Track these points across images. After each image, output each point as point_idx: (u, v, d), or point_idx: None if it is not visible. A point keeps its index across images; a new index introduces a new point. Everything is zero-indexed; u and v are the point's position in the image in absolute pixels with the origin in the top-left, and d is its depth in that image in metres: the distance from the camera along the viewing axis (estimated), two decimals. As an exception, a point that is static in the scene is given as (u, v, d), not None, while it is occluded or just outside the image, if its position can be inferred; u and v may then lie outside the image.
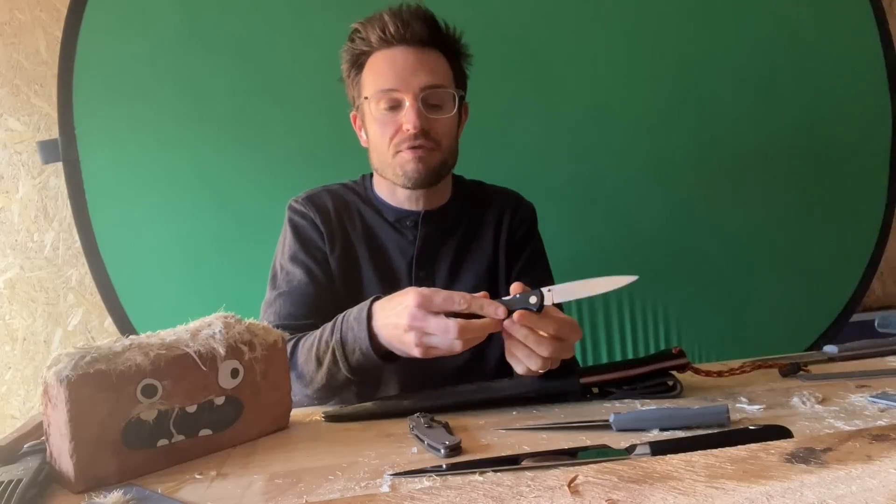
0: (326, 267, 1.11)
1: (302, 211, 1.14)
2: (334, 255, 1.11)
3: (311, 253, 1.11)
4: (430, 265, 1.13)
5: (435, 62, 1.06)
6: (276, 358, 0.77)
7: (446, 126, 1.08)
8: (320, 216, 1.13)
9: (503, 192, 1.24)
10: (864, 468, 0.51)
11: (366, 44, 1.07)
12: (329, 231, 1.12)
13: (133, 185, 1.56)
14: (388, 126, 1.06)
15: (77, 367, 0.61)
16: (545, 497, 0.49)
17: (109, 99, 1.54)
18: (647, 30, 1.71)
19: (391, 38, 1.05)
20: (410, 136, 1.04)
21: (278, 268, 1.13)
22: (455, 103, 1.07)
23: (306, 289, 1.08)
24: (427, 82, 1.04)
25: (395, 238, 1.13)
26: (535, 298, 0.80)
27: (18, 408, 1.71)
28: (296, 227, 1.13)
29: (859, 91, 1.81)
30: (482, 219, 1.19)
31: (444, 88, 1.06)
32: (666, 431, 0.68)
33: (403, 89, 1.04)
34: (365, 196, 1.17)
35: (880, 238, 1.83)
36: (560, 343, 0.81)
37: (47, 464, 0.65)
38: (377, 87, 1.05)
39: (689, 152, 1.74)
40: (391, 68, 1.05)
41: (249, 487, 0.60)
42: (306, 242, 1.12)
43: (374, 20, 1.06)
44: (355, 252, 1.12)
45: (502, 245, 1.18)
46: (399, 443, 0.70)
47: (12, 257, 1.69)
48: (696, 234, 1.74)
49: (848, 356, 0.99)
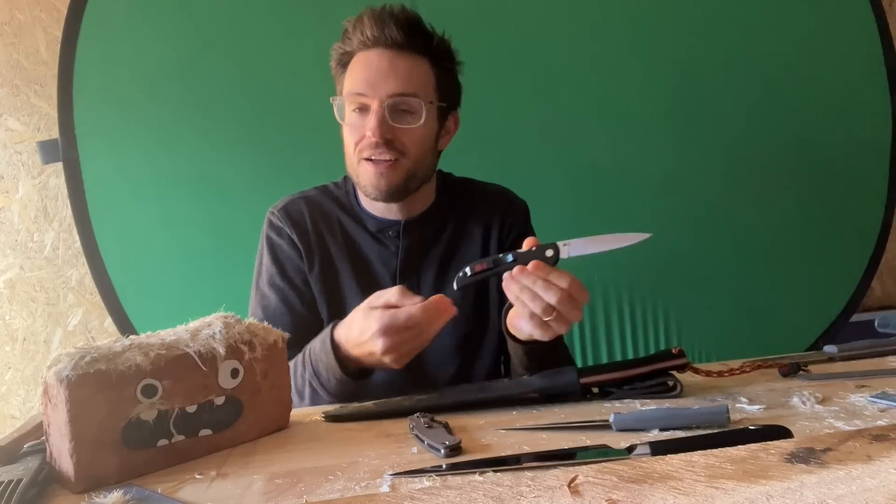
0: (305, 290, 1.09)
1: (278, 226, 1.11)
2: (314, 273, 1.09)
3: (288, 277, 1.09)
4: (415, 276, 1.11)
5: (411, 67, 1.02)
6: (276, 358, 0.77)
7: (414, 136, 1.03)
8: (297, 231, 1.10)
9: (492, 191, 1.20)
10: (864, 468, 0.51)
11: (349, 44, 1.04)
12: (307, 247, 1.09)
13: (133, 185, 1.56)
14: (355, 131, 1.03)
15: (77, 367, 0.61)
16: (545, 497, 0.49)
17: (109, 99, 1.55)
18: (647, 30, 1.71)
19: (368, 41, 1.01)
20: (372, 143, 1.00)
21: (255, 287, 1.11)
22: (424, 113, 1.02)
23: (280, 318, 1.05)
24: (395, 89, 1.00)
25: (377, 249, 1.10)
26: (551, 251, 0.81)
27: (18, 408, 1.71)
28: (272, 246, 1.11)
29: (859, 91, 1.81)
30: (469, 222, 1.15)
31: (415, 97, 1.01)
32: (666, 431, 0.68)
33: (370, 94, 1.00)
34: (346, 203, 1.14)
35: (880, 238, 1.83)
36: (570, 300, 0.81)
37: (47, 464, 0.65)
38: (348, 89, 1.03)
39: (690, 152, 1.74)
40: (364, 71, 1.02)
41: (249, 487, 0.60)
42: (283, 264, 1.09)
43: (358, 20, 1.03)
44: (335, 265, 1.09)
45: (493, 250, 1.14)
46: (399, 443, 0.70)
47: (12, 257, 1.69)
48: (695, 235, 1.74)
49: (848, 356, 0.99)
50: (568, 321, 0.84)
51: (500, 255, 0.85)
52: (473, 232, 1.15)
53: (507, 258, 0.84)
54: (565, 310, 0.82)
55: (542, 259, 0.81)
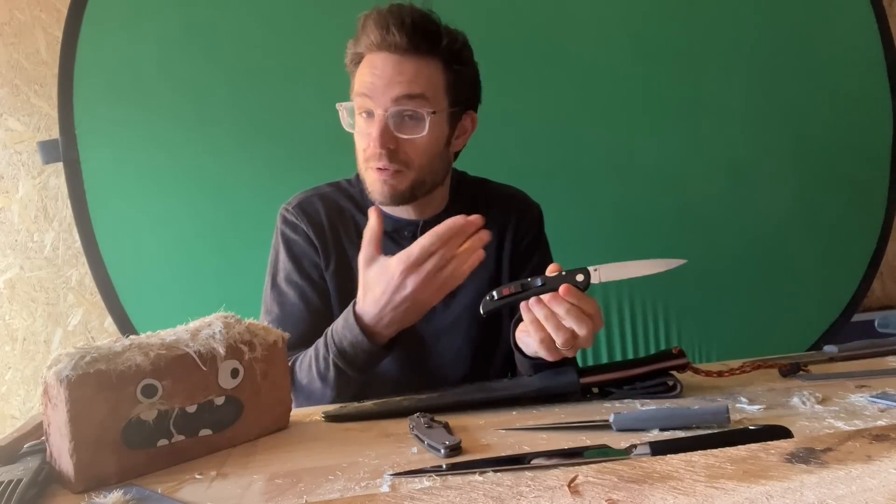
0: (322, 285, 1.08)
1: (293, 223, 1.09)
2: (329, 270, 1.08)
3: (305, 272, 1.08)
4: None
5: (417, 71, 0.98)
6: (276, 358, 0.77)
7: (419, 147, 1.00)
8: (313, 228, 1.08)
9: (508, 195, 1.19)
10: (864, 468, 0.51)
11: (359, 44, 1.02)
12: (323, 244, 1.08)
13: (133, 185, 1.56)
14: (363, 137, 1.02)
15: (77, 367, 0.61)
16: (545, 497, 0.49)
17: (109, 99, 1.55)
18: (648, 31, 1.71)
19: (372, 45, 0.99)
20: (375, 154, 0.99)
21: (271, 284, 1.10)
22: (427, 124, 0.99)
23: (299, 314, 1.05)
24: (399, 94, 0.97)
25: (392, 249, 1.06)
26: (581, 276, 0.79)
27: (18, 408, 1.71)
28: (288, 242, 1.09)
29: (859, 91, 1.81)
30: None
31: (421, 105, 0.98)
32: (666, 431, 0.68)
33: (375, 101, 0.98)
34: (361, 202, 1.12)
35: (880, 238, 1.83)
36: (592, 322, 0.80)
37: (47, 464, 0.65)
38: (356, 93, 1.01)
39: (690, 152, 1.74)
40: (369, 76, 0.99)
41: (249, 487, 0.60)
42: (300, 260, 1.08)
43: (365, 21, 1.00)
44: (351, 263, 1.07)
45: (506, 255, 1.13)
46: (399, 443, 0.70)
47: (12, 257, 1.69)
48: (695, 234, 1.74)
49: (848, 356, 0.99)
50: (579, 347, 0.83)
51: (529, 280, 0.83)
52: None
53: (535, 282, 0.82)
54: (584, 339, 0.81)
55: (574, 284, 0.79)
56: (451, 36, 1.02)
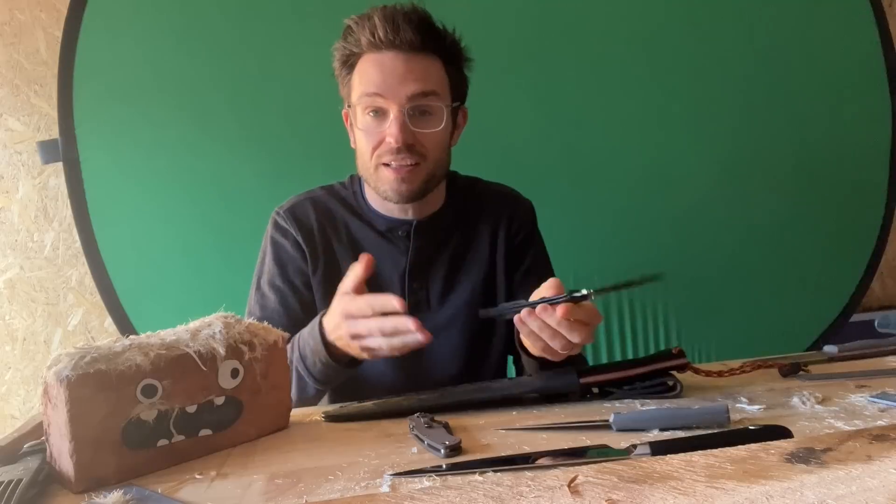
0: (305, 293, 1.08)
1: (283, 228, 1.10)
2: (317, 276, 1.08)
3: (288, 278, 1.08)
4: (423, 277, 1.09)
5: (426, 69, 1.00)
6: (276, 358, 0.77)
7: (434, 139, 1.02)
8: (302, 234, 1.08)
9: (499, 192, 1.19)
10: (864, 468, 0.51)
11: (356, 45, 1.01)
12: (312, 249, 1.08)
13: (133, 185, 1.56)
14: (373, 136, 1.01)
15: (77, 367, 0.61)
16: (545, 497, 0.49)
17: (109, 99, 1.55)
18: (648, 32, 1.71)
19: (380, 43, 0.98)
20: (393, 149, 0.99)
21: (255, 286, 1.10)
22: (445, 115, 1.01)
23: (278, 319, 1.04)
24: (415, 91, 0.98)
25: (386, 249, 1.09)
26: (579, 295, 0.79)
27: (18, 408, 1.71)
28: (276, 246, 1.10)
29: (859, 91, 1.81)
30: (478, 226, 1.14)
31: (434, 101, 1.00)
32: (666, 431, 0.68)
33: (389, 98, 0.98)
34: (353, 204, 1.12)
35: (880, 238, 1.83)
36: (588, 328, 0.81)
37: (47, 464, 0.65)
38: (363, 93, 1.00)
39: (690, 152, 1.74)
40: (378, 75, 0.98)
41: (249, 487, 0.60)
42: (285, 266, 1.08)
43: (366, 20, 1.00)
44: (340, 267, 1.07)
45: (500, 253, 1.13)
46: (399, 443, 0.70)
47: (12, 257, 1.69)
48: (696, 235, 1.74)
49: (848, 356, 0.99)
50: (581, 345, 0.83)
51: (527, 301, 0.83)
52: (482, 233, 1.14)
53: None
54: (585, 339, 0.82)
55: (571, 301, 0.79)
56: (451, 35, 1.04)
